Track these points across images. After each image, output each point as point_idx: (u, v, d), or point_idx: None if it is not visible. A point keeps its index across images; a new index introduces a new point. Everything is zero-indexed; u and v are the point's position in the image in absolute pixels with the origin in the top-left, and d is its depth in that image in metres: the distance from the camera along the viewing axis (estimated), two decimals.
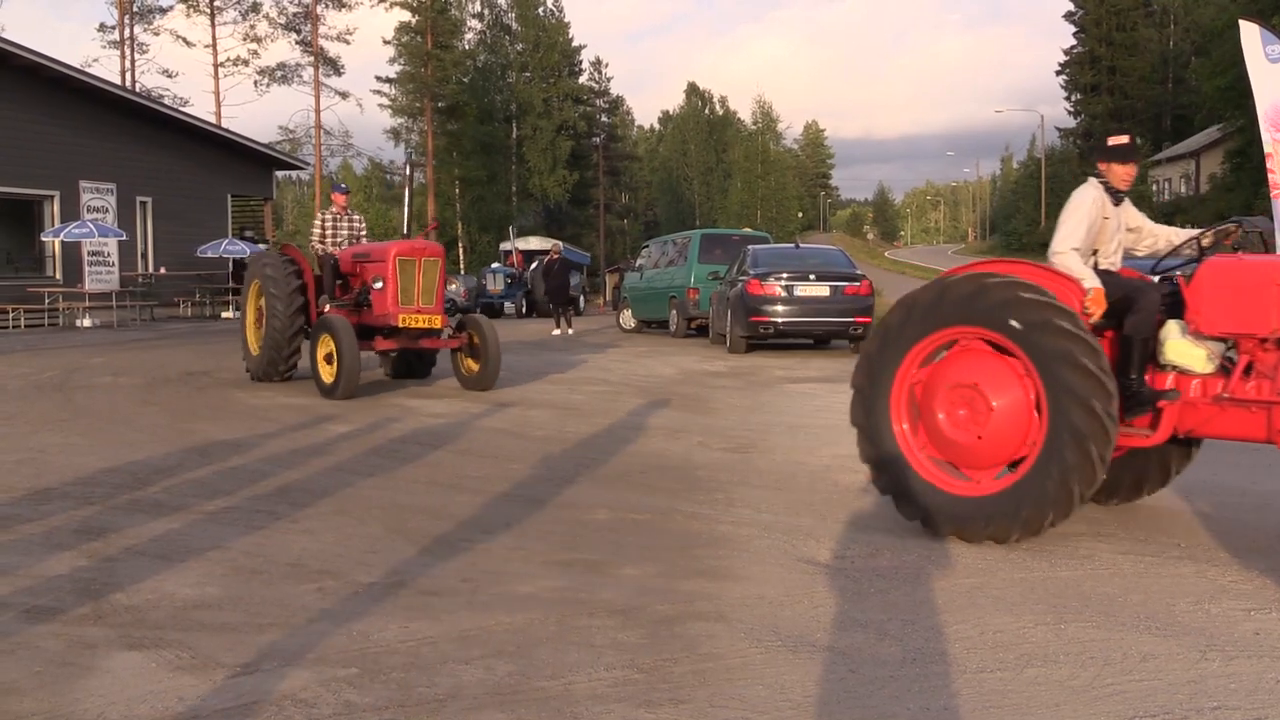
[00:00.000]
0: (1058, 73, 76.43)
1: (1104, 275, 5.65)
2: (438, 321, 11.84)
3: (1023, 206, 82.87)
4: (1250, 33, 16.76)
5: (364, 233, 13.12)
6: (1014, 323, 5.34)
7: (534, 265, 36.15)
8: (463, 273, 48.31)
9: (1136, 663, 3.80)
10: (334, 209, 13.05)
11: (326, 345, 11.20)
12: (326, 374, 11.21)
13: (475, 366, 12.11)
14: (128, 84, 46.33)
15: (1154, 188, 63.11)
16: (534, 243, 46.16)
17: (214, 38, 52.21)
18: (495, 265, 39.21)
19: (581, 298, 39.87)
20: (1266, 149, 16.63)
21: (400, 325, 11.68)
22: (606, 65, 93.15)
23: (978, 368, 5.54)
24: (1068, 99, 76.58)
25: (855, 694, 3.55)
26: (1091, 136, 72.30)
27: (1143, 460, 6.09)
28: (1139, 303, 5.41)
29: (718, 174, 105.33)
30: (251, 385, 12.36)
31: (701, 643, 4.02)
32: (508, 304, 35.58)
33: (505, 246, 46.03)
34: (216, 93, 51.92)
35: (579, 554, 5.34)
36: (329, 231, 12.87)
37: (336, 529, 5.78)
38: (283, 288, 12.05)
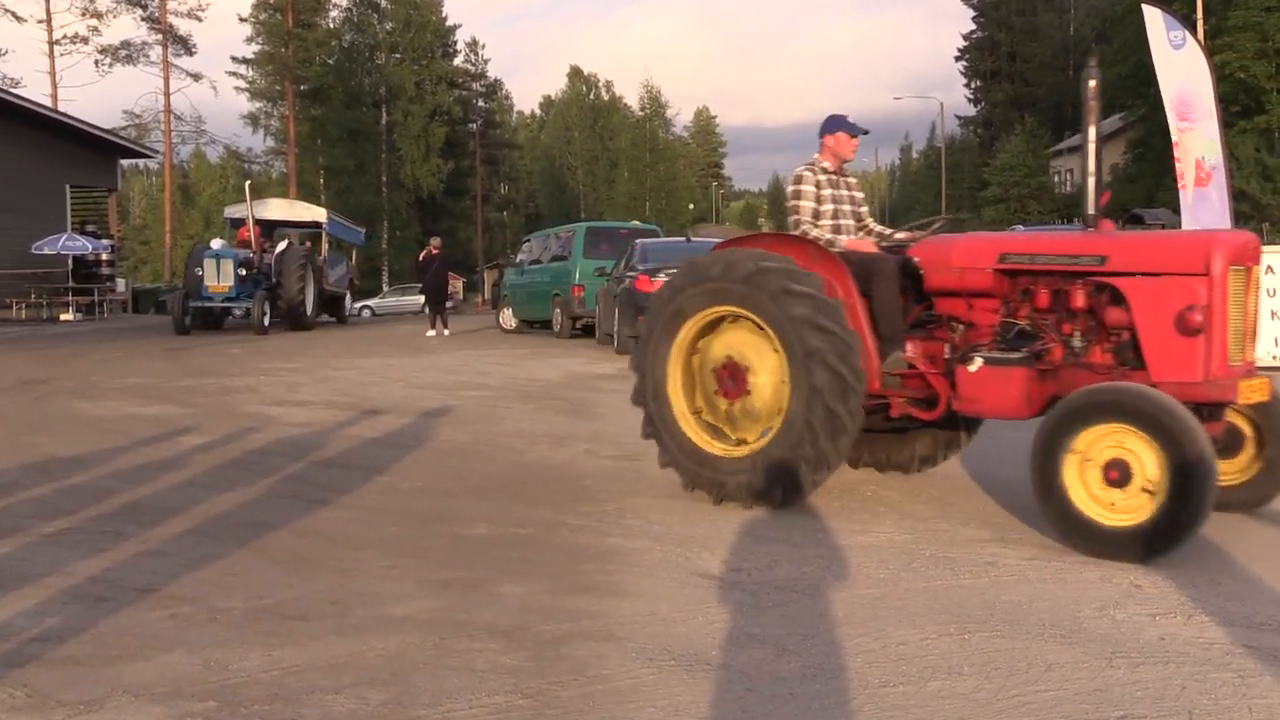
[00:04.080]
0: (957, 59, 78.32)
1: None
2: (1267, 391, 6.14)
3: (922, 197, 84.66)
4: (1153, 18, 17.33)
5: (865, 208, 7.59)
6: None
7: (281, 246, 24.84)
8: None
9: (1041, 672, 3.91)
10: (824, 163, 7.33)
11: (1113, 445, 5.54)
12: (1117, 508, 5.52)
13: (1249, 470, 6.44)
14: None
15: (1055, 179, 64.93)
16: (279, 209, 30.06)
17: (48, 12, 50.93)
18: (217, 244, 24.18)
19: (348, 296, 30.56)
20: (1174, 138, 17.22)
21: (1239, 400, 5.95)
22: (483, 47, 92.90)
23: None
24: (967, 86, 78.56)
25: (753, 713, 3.59)
26: (992, 125, 74.23)
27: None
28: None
29: (603, 163, 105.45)
30: (95, 394, 12.02)
31: (590, 664, 4.02)
32: (237, 309, 23.77)
33: (233, 213, 28.72)
34: (52, 73, 50.61)
35: (457, 572, 5.31)
36: (827, 205, 7.24)
37: (191, 550, 5.66)
38: (835, 315, 6.37)
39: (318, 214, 29.85)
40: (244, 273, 22.95)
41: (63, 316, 28.19)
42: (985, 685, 3.79)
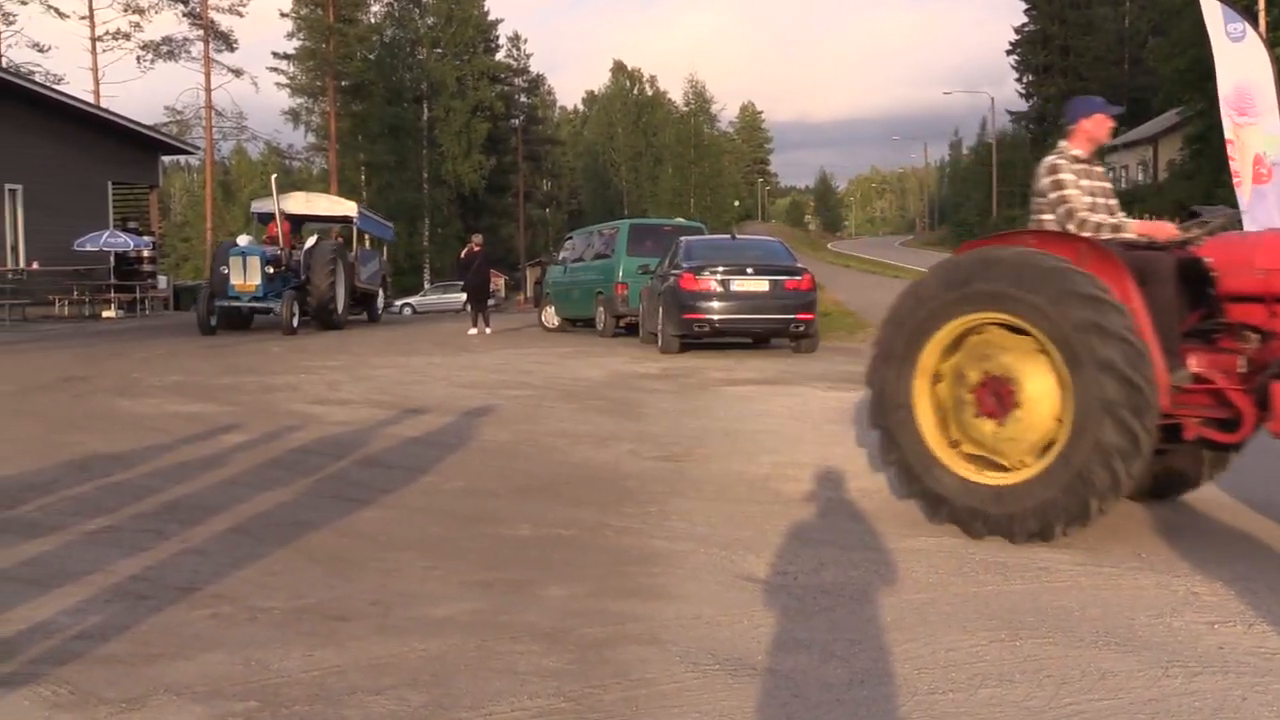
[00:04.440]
0: (1008, 52, 77.74)
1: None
2: None
3: (973, 195, 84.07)
4: (1211, 10, 17.13)
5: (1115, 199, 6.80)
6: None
7: (310, 242, 24.04)
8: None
9: (1095, 681, 3.87)
10: (1074, 150, 6.56)
11: None
12: None
13: None
14: None
15: (1111, 175, 64.22)
16: (300, 202, 27.85)
17: (91, 8, 51.42)
18: (244, 241, 23.30)
19: (382, 292, 29.35)
20: (1228, 135, 17.01)
21: None
22: (525, 41, 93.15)
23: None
24: (1019, 80, 78.02)
25: None
26: (1045, 120, 73.61)
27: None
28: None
29: (647, 159, 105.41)
30: (136, 392, 12.14)
31: (633, 668, 4.02)
32: (274, 308, 22.46)
33: (260, 208, 28.24)
34: (95, 69, 51.17)
35: (500, 573, 5.32)
36: (1085, 197, 6.40)
37: (232, 548, 5.70)
38: (1126, 320, 5.58)
39: (348, 208, 28.50)
40: (272, 271, 22.11)
41: (105, 314, 28.50)
42: (1037, 693, 3.76)
